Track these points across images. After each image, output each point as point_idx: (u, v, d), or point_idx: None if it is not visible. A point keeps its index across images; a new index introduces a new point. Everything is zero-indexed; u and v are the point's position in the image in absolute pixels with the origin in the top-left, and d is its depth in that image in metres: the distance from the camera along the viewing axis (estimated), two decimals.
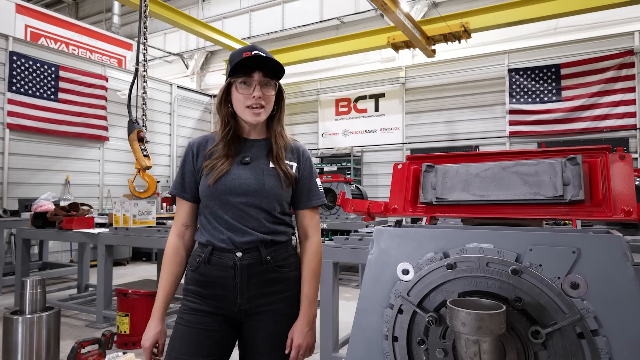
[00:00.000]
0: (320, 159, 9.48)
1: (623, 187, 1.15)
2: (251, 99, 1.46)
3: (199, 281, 1.49)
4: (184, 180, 1.55)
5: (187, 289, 1.53)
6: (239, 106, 1.48)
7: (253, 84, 1.45)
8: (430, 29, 7.19)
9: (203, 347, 1.46)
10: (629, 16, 7.50)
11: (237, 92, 1.47)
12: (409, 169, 1.43)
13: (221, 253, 1.47)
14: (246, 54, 1.45)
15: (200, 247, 1.53)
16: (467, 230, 1.11)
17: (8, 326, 2.65)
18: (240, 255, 1.46)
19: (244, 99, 1.46)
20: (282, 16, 11.18)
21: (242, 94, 1.46)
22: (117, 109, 8.55)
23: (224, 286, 1.47)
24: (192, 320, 1.48)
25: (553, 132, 7.52)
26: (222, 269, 1.47)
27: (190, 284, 1.52)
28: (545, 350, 0.97)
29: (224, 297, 1.47)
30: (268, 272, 1.48)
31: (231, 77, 1.47)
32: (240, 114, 1.50)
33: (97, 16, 14.35)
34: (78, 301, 5.21)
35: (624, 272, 0.94)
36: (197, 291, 1.50)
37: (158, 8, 7.16)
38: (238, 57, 1.46)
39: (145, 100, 5.00)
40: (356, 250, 3.19)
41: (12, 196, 7.15)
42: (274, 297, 1.50)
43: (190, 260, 1.55)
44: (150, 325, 1.49)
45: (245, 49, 1.49)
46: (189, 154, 1.56)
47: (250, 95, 1.45)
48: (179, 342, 1.47)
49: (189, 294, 1.52)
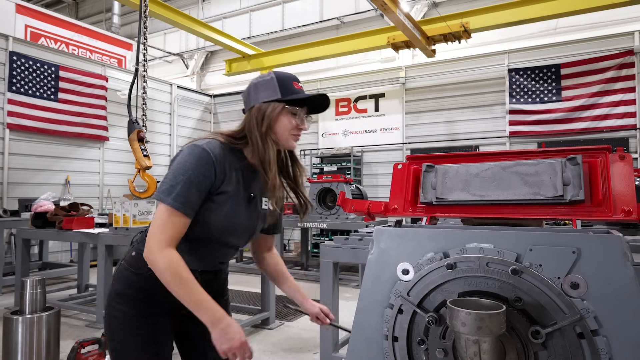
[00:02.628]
0: (320, 159, 9.48)
1: (623, 187, 1.15)
2: (297, 130, 1.50)
3: (146, 289, 1.44)
4: (198, 196, 1.37)
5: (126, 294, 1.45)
6: (285, 132, 1.48)
7: (302, 116, 1.52)
8: (430, 29, 7.19)
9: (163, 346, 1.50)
10: (629, 16, 7.50)
11: (287, 120, 1.47)
12: (409, 169, 1.43)
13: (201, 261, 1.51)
14: (295, 83, 1.51)
15: None
16: (467, 230, 1.11)
17: (8, 326, 2.65)
18: (200, 274, 1.50)
19: (293, 128, 1.49)
20: (282, 16, 11.18)
21: (293, 122, 1.48)
22: (117, 109, 8.55)
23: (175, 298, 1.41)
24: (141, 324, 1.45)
25: (553, 132, 7.52)
26: None
27: (132, 288, 1.45)
28: (545, 350, 0.97)
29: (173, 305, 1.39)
30: (218, 284, 1.62)
31: (286, 102, 1.47)
32: (284, 139, 1.49)
33: (97, 16, 14.36)
34: (78, 301, 5.21)
35: (624, 272, 0.94)
36: (139, 297, 1.44)
37: (158, 8, 7.16)
38: (289, 83, 1.49)
39: (145, 100, 5.00)
40: (356, 250, 3.19)
41: (12, 196, 7.15)
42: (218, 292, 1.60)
43: (134, 263, 1.46)
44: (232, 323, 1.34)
45: (293, 77, 1.52)
46: (211, 167, 1.38)
47: (297, 126, 1.50)
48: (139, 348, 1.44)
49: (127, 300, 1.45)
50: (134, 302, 1.45)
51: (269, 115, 1.45)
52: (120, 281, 1.48)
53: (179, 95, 10.41)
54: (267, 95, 1.47)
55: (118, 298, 1.46)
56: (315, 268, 7.23)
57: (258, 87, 1.50)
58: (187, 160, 1.36)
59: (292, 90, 1.47)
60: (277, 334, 4.30)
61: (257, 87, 1.50)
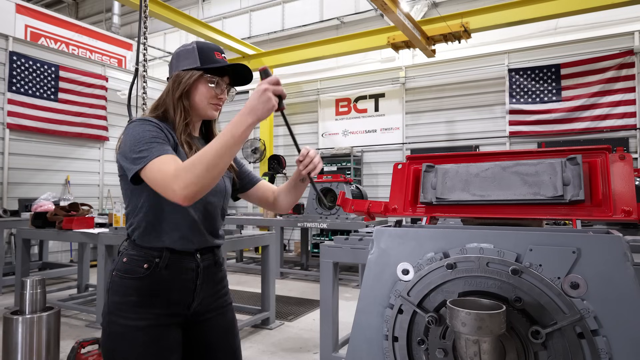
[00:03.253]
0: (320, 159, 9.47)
1: (623, 187, 1.15)
2: (217, 99, 1.50)
3: (150, 290, 1.37)
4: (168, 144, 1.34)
5: (127, 302, 1.36)
6: (203, 100, 1.48)
7: (222, 85, 1.51)
8: (430, 29, 7.19)
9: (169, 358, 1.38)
10: (629, 16, 7.50)
11: (205, 89, 1.47)
12: (409, 169, 1.43)
13: (181, 256, 1.42)
14: (217, 54, 1.50)
15: (150, 251, 1.39)
16: (467, 230, 1.11)
17: (8, 326, 2.65)
18: (200, 257, 1.47)
19: (212, 96, 1.49)
20: (282, 16, 11.18)
21: (212, 91, 1.48)
22: (117, 109, 8.55)
23: (182, 290, 1.42)
24: (146, 341, 1.35)
25: (553, 132, 7.52)
26: (182, 272, 1.42)
27: (135, 294, 1.36)
28: (545, 350, 0.97)
29: (179, 302, 1.42)
30: (217, 272, 1.56)
31: (204, 71, 1.46)
32: (202, 107, 1.49)
33: (97, 16, 14.35)
34: (78, 301, 5.21)
35: (624, 272, 0.94)
36: (145, 302, 1.36)
37: (158, 8, 7.17)
38: (209, 53, 1.49)
39: (145, 100, 4.99)
40: (356, 250, 3.19)
41: (12, 196, 7.15)
42: (219, 293, 1.58)
43: (128, 268, 1.39)
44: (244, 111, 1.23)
45: (215, 48, 1.52)
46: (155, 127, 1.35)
47: (216, 95, 1.49)
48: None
49: (131, 308, 1.35)
50: (139, 310, 1.35)
51: (185, 82, 1.45)
52: (118, 292, 1.37)
53: None
54: (186, 64, 1.47)
55: (119, 311, 1.36)
56: (315, 268, 7.23)
57: (180, 56, 1.50)
58: (133, 133, 1.32)
59: (212, 59, 1.48)
60: (277, 334, 4.30)
61: (178, 56, 1.50)
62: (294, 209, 7.33)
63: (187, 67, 1.47)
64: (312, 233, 8.59)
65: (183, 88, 1.45)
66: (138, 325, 1.35)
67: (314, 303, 5.30)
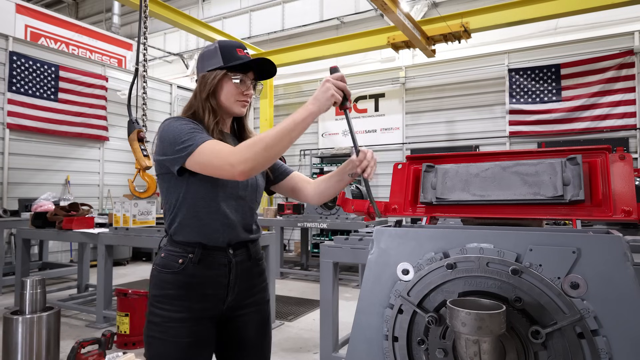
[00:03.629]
0: (320, 159, 9.47)
1: (623, 187, 1.15)
2: (243, 96, 1.53)
3: (185, 283, 1.42)
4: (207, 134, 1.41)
5: (164, 295, 1.42)
6: (230, 98, 1.52)
7: (247, 82, 1.54)
8: (430, 29, 7.19)
9: (204, 353, 1.44)
10: (629, 16, 7.50)
11: (231, 87, 1.51)
12: (409, 169, 1.43)
13: (213, 252, 1.46)
14: (239, 50, 1.53)
15: (185, 246, 1.44)
16: (467, 230, 1.11)
17: (8, 326, 2.65)
18: (232, 252, 1.49)
19: (238, 93, 1.52)
20: (282, 16, 11.18)
21: (237, 88, 1.51)
22: (117, 109, 8.55)
23: (215, 285, 1.46)
24: (180, 333, 1.40)
25: (553, 132, 7.52)
26: (215, 268, 1.46)
27: (171, 288, 1.42)
28: (545, 350, 0.97)
29: (213, 297, 1.46)
30: (253, 267, 1.58)
31: (228, 69, 1.49)
32: (229, 106, 1.53)
33: (97, 16, 14.35)
34: (78, 301, 5.21)
35: (624, 272, 0.94)
36: (181, 295, 1.41)
37: (158, 8, 7.16)
38: (232, 50, 1.51)
39: (145, 100, 5.00)
40: (356, 250, 3.19)
41: (12, 196, 7.15)
42: (256, 288, 1.59)
43: (166, 262, 1.45)
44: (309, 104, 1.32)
45: (237, 45, 1.54)
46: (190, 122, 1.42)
47: (242, 92, 1.53)
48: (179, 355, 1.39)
49: (167, 300, 1.41)
50: (175, 303, 1.41)
51: (210, 83, 1.49)
52: (157, 286, 1.44)
53: (179, 95, 10.41)
54: (210, 65, 1.51)
55: (158, 303, 1.42)
56: (315, 268, 7.23)
57: (204, 57, 1.54)
58: (170, 129, 1.39)
59: (235, 57, 1.51)
60: (277, 333, 4.30)
61: (202, 58, 1.55)
62: (294, 208, 7.33)
63: (212, 67, 1.50)
64: (312, 233, 8.59)
65: (209, 89, 1.49)
66: (173, 317, 1.40)
67: (314, 303, 5.30)
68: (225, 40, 1.57)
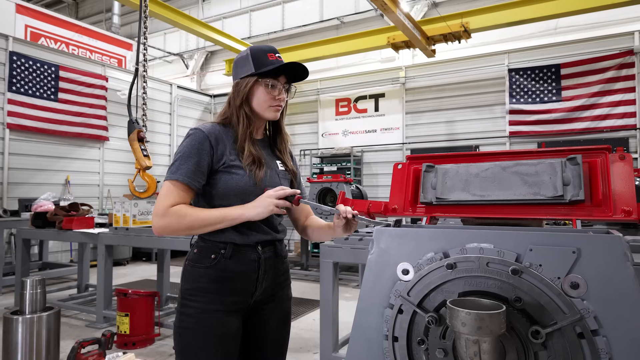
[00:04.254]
0: (320, 159, 9.48)
1: (623, 187, 1.15)
2: (275, 101, 1.56)
3: (216, 277, 1.49)
4: (199, 168, 1.46)
5: (197, 287, 1.49)
6: (262, 104, 1.56)
7: (279, 86, 1.56)
8: (430, 29, 7.19)
9: (229, 352, 1.51)
10: (629, 16, 7.50)
11: (263, 92, 1.54)
12: (409, 169, 1.43)
13: (244, 248, 1.53)
14: (270, 55, 1.55)
15: (217, 243, 1.51)
16: (467, 230, 1.11)
17: (8, 326, 2.65)
18: (261, 249, 1.57)
19: (270, 99, 1.55)
20: (282, 16, 11.18)
21: (269, 94, 1.54)
22: (117, 109, 8.55)
23: (245, 280, 1.53)
24: (211, 323, 1.47)
25: (553, 132, 7.52)
26: (245, 263, 1.53)
27: (204, 281, 1.48)
28: (545, 350, 0.97)
29: (243, 291, 1.53)
30: (278, 264, 1.65)
31: (259, 76, 1.53)
32: (261, 112, 1.57)
33: (97, 16, 14.35)
34: (78, 301, 5.21)
35: (624, 272, 0.94)
36: (213, 288, 1.48)
37: (158, 8, 7.16)
38: (262, 56, 1.54)
39: (145, 100, 5.00)
40: (356, 250, 3.19)
41: (12, 196, 7.15)
42: (281, 285, 1.67)
43: (199, 258, 1.51)
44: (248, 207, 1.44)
45: (268, 50, 1.57)
46: (206, 143, 1.47)
47: (275, 97, 1.56)
48: (208, 345, 1.46)
49: (200, 293, 1.48)
50: (208, 295, 1.48)
51: (243, 90, 1.54)
52: (190, 280, 1.51)
53: (179, 95, 10.41)
54: (243, 72, 1.55)
55: (190, 296, 1.49)
56: (315, 268, 7.23)
57: (237, 65, 1.59)
58: (183, 143, 1.50)
59: (266, 62, 1.53)
60: None
61: (236, 65, 1.59)
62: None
63: (244, 74, 1.55)
64: None
65: (242, 96, 1.54)
66: (204, 309, 1.47)
67: (314, 303, 5.30)
68: (257, 46, 1.60)
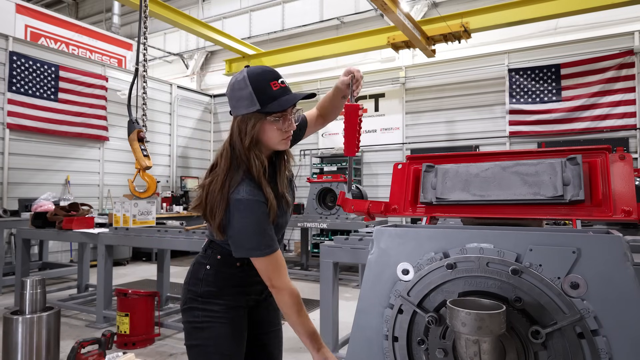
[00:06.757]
0: (320, 159, 9.48)
1: (623, 187, 1.15)
2: (286, 133, 1.51)
3: (241, 280, 1.60)
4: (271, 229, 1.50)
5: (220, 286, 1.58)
6: (273, 141, 1.50)
7: (288, 118, 1.50)
8: (430, 29, 7.19)
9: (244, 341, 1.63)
10: (629, 16, 7.50)
11: (273, 129, 1.47)
12: (409, 169, 1.43)
13: None
14: (274, 84, 1.44)
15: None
16: (467, 230, 1.11)
17: (8, 326, 2.65)
18: None
19: (281, 134, 1.50)
20: (282, 16, 11.18)
21: (279, 130, 1.48)
22: (117, 109, 8.55)
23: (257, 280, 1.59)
24: (231, 317, 1.58)
25: (553, 132, 7.52)
26: None
27: (228, 284, 1.59)
28: (545, 350, 0.97)
29: (259, 289, 1.65)
30: None
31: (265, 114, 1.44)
32: (273, 146, 1.53)
33: (97, 16, 14.36)
34: (78, 301, 5.21)
35: (624, 272, 0.94)
36: (236, 290, 1.59)
37: (158, 8, 7.17)
38: (266, 87, 1.43)
39: (145, 100, 5.00)
40: (356, 250, 3.19)
41: (12, 196, 7.15)
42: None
43: (223, 263, 1.59)
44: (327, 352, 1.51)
45: (269, 77, 1.45)
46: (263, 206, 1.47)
47: (286, 130, 1.50)
48: (229, 341, 1.56)
49: (222, 291, 1.58)
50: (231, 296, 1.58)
51: (250, 132, 1.45)
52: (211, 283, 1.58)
53: (179, 95, 10.41)
54: (246, 106, 1.44)
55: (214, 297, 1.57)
56: (315, 268, 7.23)
57: (235, 95, 1.47)
58: (247, 217, 1.44)
59: (270, 94, 1.43)
60: None
61: (234, 95, 1.47)
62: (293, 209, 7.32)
63: (247, 110, 1.44)
64: (312, 233, 8.59)
65: (251, 138, 1.46)
66: (230, 305, 1.58)
67: (314, 303, 5.30)
68: (256, 73, 1.46)
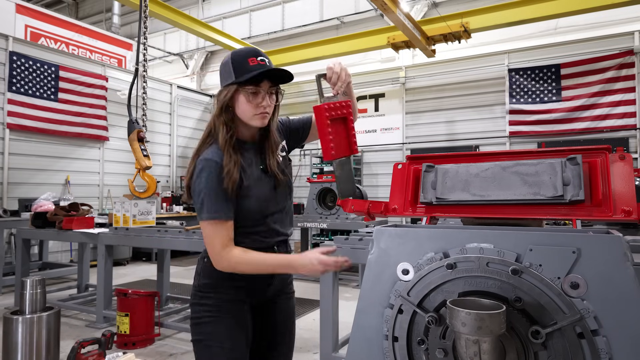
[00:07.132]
0: (320, 159, 9.47)
1: (623, 187, 1.15)
2: (260, 108, 1.49)
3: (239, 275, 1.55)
4: (225, 198, 1.45)
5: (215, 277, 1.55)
6: (246, 114, 1.50)
7: (262, 93, 1.49)
8: (430, 29, 7.19)
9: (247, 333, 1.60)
10: (629, 16, 7.50)
11: (245, 101, 1.48)
12: (409, 169, 1.43)
13: (264, 250, 1.57)
14: (252, 60, 1.46)
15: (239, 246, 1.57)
16: (467, 230, 1.11)
17: (8, 326, 2.65)
18: (277, 248, 1.62)
19: (253, 107, 1.49)
20: (282, 16, 11.18)
21: (251, 103, 1.48)
22: (117, 109, 8.55)
23: (263, 277, 1.59)
24: (228, 309, 1.55)
25: (553, 132, 7.52)
26: None
27: (226, 277, 1.54)
28: (545, 350, 0.97)
29: (260, 284, 1.61)
30: None
31: (239, 85, 1.46)
32: (247, 120, 1.52)
33: (97, 16, 14.35)
34: (78, 301, 5.21)
35: (624, 272, 0.94)
36: (229, 279, 1.54)
37: (158, 8, 7.16)
38: (243, 61, 1.46)
39: (145, 100, 5.00)
40: (356, 250, 3.19)
41: (12, 196, 7.15)
42: (288, 279, 1.74)
43: None
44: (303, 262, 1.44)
45: (249, 54, 1.48)
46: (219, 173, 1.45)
47: (259, 104, 1.49)
48: (228, 333, 1.54)
49: (217, 282, 1.55)
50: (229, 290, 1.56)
51: (222, 100, 1.49)
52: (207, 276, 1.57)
53: (179, 95, 10.41)
54: (225, 80, 1.50)
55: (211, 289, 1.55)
56: None
57: (220, 73, 1.53)
58: (201, 176, 1.46)
59: (246, 68, 1.45)
60: None
61: (220, 74, 1.54)
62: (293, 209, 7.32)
63: (226, 83, 1.50)
64: (312, 233, 8.59)
65: (221, 105, 1.49)
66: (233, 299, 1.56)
67: (314, 303, 5.30)
68: (238, 50, 1.52)
